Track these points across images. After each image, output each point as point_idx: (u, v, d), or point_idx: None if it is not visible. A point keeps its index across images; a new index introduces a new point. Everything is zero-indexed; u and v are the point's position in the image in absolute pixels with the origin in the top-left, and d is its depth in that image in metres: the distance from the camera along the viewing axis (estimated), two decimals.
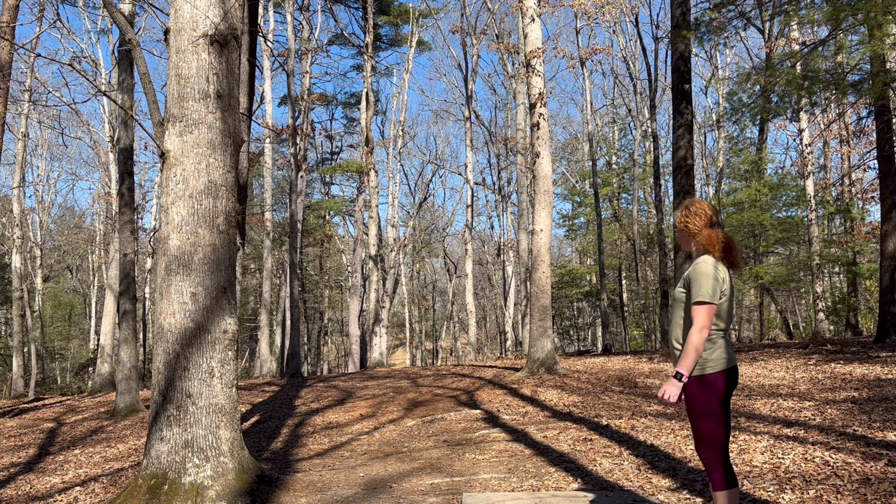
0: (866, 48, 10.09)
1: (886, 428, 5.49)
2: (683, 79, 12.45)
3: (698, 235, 3.30)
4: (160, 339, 5.07)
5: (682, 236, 3.40)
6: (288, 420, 9.62)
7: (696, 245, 3.33)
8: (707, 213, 3.31)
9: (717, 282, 3.18)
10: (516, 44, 24.27)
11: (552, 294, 15.45)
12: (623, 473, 5.23)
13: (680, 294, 3.33)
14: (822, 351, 11.03)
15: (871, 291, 20.39)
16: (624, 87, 29.94)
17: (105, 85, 22.47)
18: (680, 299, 3.32)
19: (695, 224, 3.31)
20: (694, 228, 3.32)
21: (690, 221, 3.32)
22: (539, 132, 11.89)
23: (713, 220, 3.30)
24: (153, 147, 16.22)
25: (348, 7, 26.69)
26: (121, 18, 6.29)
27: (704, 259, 3.25)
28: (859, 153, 22.28)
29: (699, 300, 3.16)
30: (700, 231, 3.30)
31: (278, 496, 5.14)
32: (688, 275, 3.27)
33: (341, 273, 38.70)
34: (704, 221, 3.29)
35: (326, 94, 30.41)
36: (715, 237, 3.26)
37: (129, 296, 11.85)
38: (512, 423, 7.74)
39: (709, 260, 3.24)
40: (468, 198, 27.48)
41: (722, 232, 3.31)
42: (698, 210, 3.33)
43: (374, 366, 21.92)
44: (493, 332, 45.78)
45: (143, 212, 30.89)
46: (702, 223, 3.29)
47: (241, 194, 7.52)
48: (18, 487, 7.02)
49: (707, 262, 3.22)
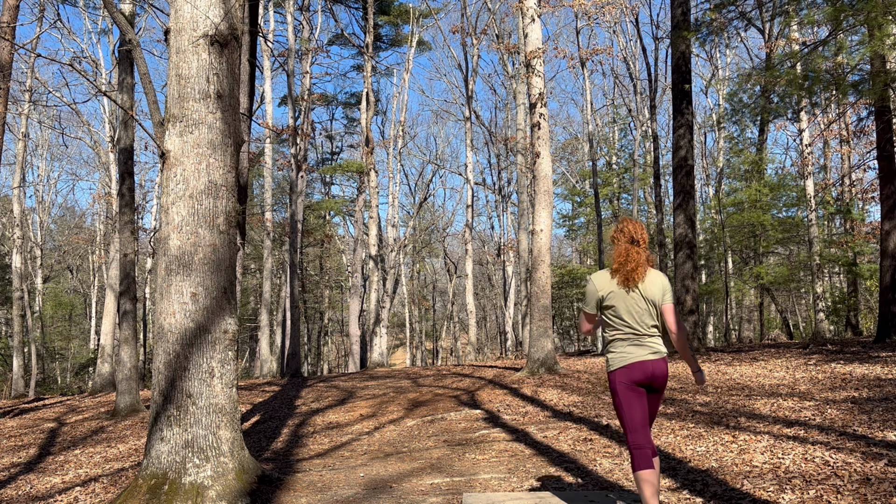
0: (866, 48, 10.10)
1: (886, 428, 5.48)
2: (684, 79, 12.46)
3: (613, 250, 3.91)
4: (160, 340, 5.07)
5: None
6: (288, 420, 9.62)
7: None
8: (627, 232, 3.85)
9: (593, 293, 3.86)
10: (516, 44, 24.27)
11: (552, 294, 15.46)
12: (623, 473, 5.24)
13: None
14: (823, 351, 11.03)
15: (871, 291, 20.38)
16: (624, 88, 29.95)
17: (105, 85, 22.47)
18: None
19: (619, 240, 3.89)
20: (616, 243, 3.90)
21: (616, 236, 3.91)
22: (539, 132, 11.89)
23: (632, 239, 3.82)
24: (153, 147, 16.22)
25: (348, 7, 26.68)
26: (121, 18, 6.30)
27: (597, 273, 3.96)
28: (859, 153, 22.29)
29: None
30: (618, 246, 3.87)
31: (279, 496, 5.15)
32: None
33: (341, 273, 38.70)
34: (627, 238, 3.84)
35: (327, 94, 30.42)
36: (617, 254, 3.86)
37: (130, 296, 11.85)
38: (512, 422, 7.75)
39: (596, 275, 3.91)
40: (468, 198, 27.49)
41: (629, 250, 3.81)
42: (624, 228, 3.88)
43: (374, 366, 21.92)
44: (493, 332, 45.78)
45: (144, 212, 30.94)
46: (624, 239, 3.85)
47: (241, 194, 7.52)
48: (19, 487, 7.02)
49: (593, 276, 3.92)
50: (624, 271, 3.76)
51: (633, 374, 3.70)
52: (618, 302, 3.76)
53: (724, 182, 23.98)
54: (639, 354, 3.72)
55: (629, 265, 3.76)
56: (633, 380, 3.70)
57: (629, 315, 3.75)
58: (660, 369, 3.72)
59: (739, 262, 22.84)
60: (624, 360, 3.74)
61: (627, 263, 3.76)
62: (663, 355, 3.76)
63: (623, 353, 3.75)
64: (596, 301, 3.85)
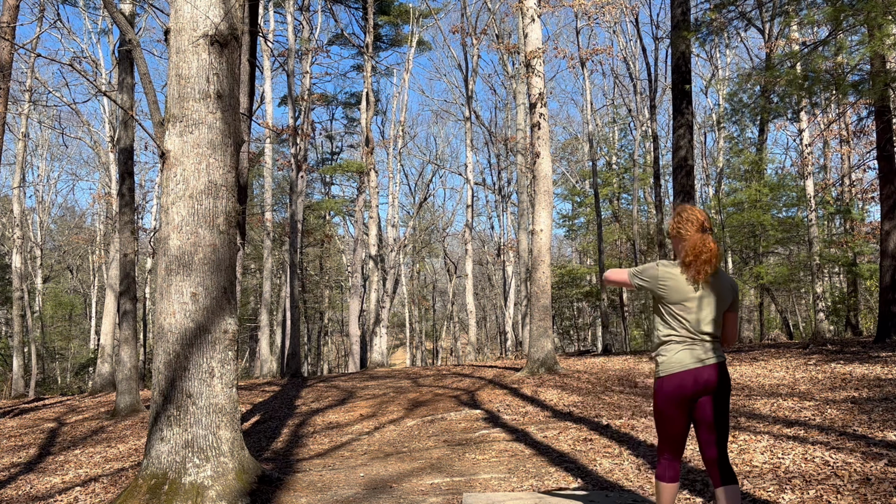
0: (866, 48, 10.09)
1: (886, 428, 5.49)
2: (684, 79, 12.45)
3: (686, 241, 3.36)
4: (160, 339, 5.07)
5: (673, 242, 3.49)
6: (288, 420, 9.62)
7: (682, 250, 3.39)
8: (696, 220, 3.37)
9: (652, 277, 3.37)
10: (516, 44, 24.27)
11: (552, 294, 15.45)
12: (623, 473, 5.24)
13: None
14: (823, 351, 11.03)
15: (871, 291, 20.38)
16: (624, 88, 29.95)
17: (105, 85, 22.47)
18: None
19: (686, 230, 3.38)
20: (686, 234, 3.38)
21: (682, 227, 3.39)
22: (539, 132, 11.89)
23: (703, 227, 3.36)
24: (153, 147, 16.24)
25: (348, 7, 26.68)
26: (121, 18, 6.30)
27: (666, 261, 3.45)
28: (859, 153, 22.29)
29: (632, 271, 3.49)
30: (690, 237, 3.36)
31: (279, 496, 5.15)
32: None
33: (341, 273, 38.70)
34: (696, 227, 3.35)
35: (326, 94, 30.42)
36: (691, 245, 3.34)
37: (130, 296, 11.85)
38: (512, 422, 7.75)
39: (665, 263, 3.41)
40: (468, 198, 27.49)
41: (704, 239, 3.34)
42: (690, 216, 3.39)
43: (374, 366, 21.92)
44: (493, 332, 45.78)
45: (144, 212, 30.92)
46: (693, 228, 3.36)
47: (241, 194, 7.52)
48: (19, 487, 7.02)
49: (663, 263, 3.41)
50: (698, 264, 3.27)
51: (684, 384, 3.26)
52: (682, 298, 3.29)
53: (724, 182, 23.98)
54: (693, 361, 3.27)
55: (705, 255, 3.27)
56: (682, 390, 3.26)
57: (692, 315, 3.29)
58: (714, 376, 3.27)
59: (739, 262, 22.84)
60: (676, 366, 3.28)
61: (703, 254, 3.27)
62: (721, 360, 3.31)
63: (676, 358, 3.29)
64: (650, 283, 3.36)
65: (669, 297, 3.32)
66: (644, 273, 3.41)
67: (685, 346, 3.30)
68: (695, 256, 3.28)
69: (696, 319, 3.29)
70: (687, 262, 3.30)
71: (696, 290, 3.29)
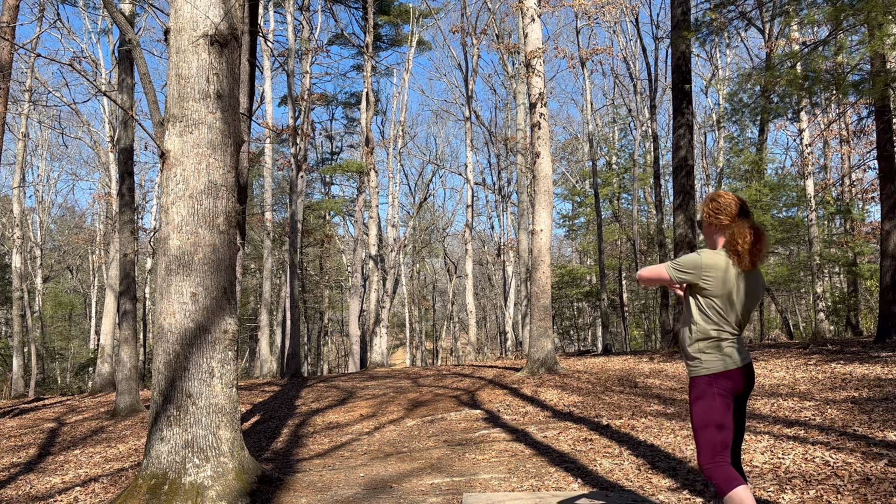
0: (867, 48, 10.09)
1: (887, 428, 5.48)
2: (684, 79, 12.45)
3: (727, 229, 3.13)
4: (160, 340, 5.07)
5: (708, 230, 3.24)
6: (288, 420, 9.61)
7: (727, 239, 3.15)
8: (734, 204, 3.15)
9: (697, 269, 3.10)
10: (516, 44, 24.27)
11: (552, 294, 15.46)
12: (623, 473, 5.23)
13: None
14: (823, 351, 11.03)
15: (871, 291, 20.39)
16: (624, 87, 29.95)
17: (105, 85, 22.47)
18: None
19: (726, 215, 3.14)
20: (726, 221, 3.14)
21: (721, 213, 3.16)
22: (539, 132, 11.88)
23: (742, 210, 3.12)
24: (153, 147, 16.23)
25: (348, 7, 26.68)
26: (121, 18, 6.30)
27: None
28: (859, 153, 22.30)
29: (673, 263, 3.16)
30: (734, 223, 3.12)
31: (279, 496, 5.14)
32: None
33: (341, 273, 38.70)
34: (736, 210, 3.12)
35: (326, 94, 30.42)
36: (739, 232, 3.09)
37: (130, 296, 11.85)
38: (512, 423, 7.74)
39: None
40: (468, 198, 27.49)
41: (753, 225, 3.12)
42: (727, 201, 3.17)
43: (374, 366, 21.92)
44: (493, 332, 45.79)
45: (143, 212, 30.96)
46: (734, 212, 3.13)
47: (241, 194, 7.52)
48: (19, 487, 7.02)
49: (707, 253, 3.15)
50: (751, 252, 3.02)
51: (733, 382, 3.08)
52: (727, 291, 3.06)
53: (724, 182, 23.98)
54: (742, 359, 3.10)
55: (759, 244, 3.03)
56: (731, 388, 3.08)
57: (735, 308, 3.08)
58: (751, 376, 3.17)
59: None
60: (725, 363, 3.08)
61: (757, 243, 3.03)
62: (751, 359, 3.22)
63: (724, 355, 3.09)
64: (693, 274, 3.10)
65: (714, 289, 3.07)
66: (685, 265, 3.11)
67: (731, 343, 3.11)
68: (749, 244, 3.03)
69: (738, 313, 3.10)
70: (738, 251, 3.03)
71: (741, 281, 3.06)
